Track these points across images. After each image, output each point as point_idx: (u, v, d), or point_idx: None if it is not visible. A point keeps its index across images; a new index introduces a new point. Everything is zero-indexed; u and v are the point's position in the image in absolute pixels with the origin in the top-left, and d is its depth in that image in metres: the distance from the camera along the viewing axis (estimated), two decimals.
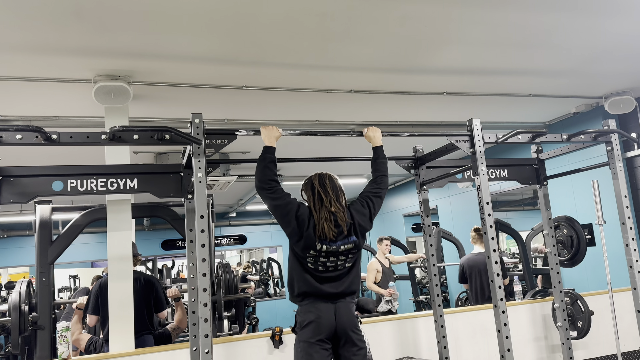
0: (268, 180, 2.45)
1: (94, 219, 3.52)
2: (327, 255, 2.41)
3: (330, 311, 2.40)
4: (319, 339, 2.37)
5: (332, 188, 2.50)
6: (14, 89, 3.60)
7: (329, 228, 2.39)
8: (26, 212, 7.70)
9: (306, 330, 2.40)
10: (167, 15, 2.74)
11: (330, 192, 2.48)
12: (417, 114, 4.96)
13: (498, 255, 2.66)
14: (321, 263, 2.41)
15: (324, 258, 2.41)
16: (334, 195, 2.48)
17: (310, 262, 2.42)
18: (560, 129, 5.42)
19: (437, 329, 3.21)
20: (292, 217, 2.40)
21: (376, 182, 2.69)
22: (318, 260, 2.41)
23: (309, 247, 2.39)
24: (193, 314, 2.68)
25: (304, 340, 2.39)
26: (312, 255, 2.40)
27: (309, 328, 2.39)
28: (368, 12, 2.87)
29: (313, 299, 2.43)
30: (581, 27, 3.29)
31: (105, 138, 2.34)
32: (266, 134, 2.56)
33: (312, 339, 2.37)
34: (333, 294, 2.43)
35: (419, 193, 3.37)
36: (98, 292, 3.84)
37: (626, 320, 3.82)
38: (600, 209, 3.37)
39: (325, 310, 2.40)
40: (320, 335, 2.37)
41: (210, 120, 4.36)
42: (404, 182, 8.96)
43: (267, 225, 11.94)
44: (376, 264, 6.14)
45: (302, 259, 2.44)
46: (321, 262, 2.41)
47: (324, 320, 2.38)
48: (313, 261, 2.41)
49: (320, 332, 2.38)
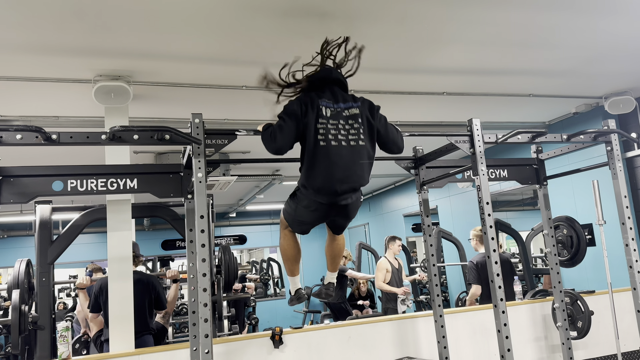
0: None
1: (94, 219, 3.52)
2: (335, 121, 2.33)
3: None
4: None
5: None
6: (14, 89, 3.60)
7: (331, 94, 2.38)
8: (26, 212, 7.70)
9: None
10: (167, 15, 2.74)
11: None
12: (417, 114, 4.96)
13: (498, 255, 2.66)
14: (332, 135, 2.31)
15: (332, 126, 2.32)
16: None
17: (321, 133, 2.30)
18: (560, 129, 5.42)
19: (437, 329, 3.21)
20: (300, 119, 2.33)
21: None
22: (328, 132, 2.31)
23: (317, 117, 2.31)
24: (193, 314, 2.68)
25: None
26: (321, 124, 2.31)
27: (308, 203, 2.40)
28: (368, 12, 2.87)
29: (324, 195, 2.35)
30: (581, 27, 3.29)
31: (105, 138, 2.34)
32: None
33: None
34: (345, 192, 2.35)
35: (419, 193, 3.37)
36: (99, 293, 3.89)
37: (626, 320, 3.81)
38: (600, 209, 3.36)
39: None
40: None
41: (210, 120, 4.36)
42: (404, 182, 8.96)
43: (267, 225, 11.94)
44: (386, 263, 6.10)
45: (314, 134, 2.31)
46: (332, 133, 2.31)
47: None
48: (324, 132, 2.30)
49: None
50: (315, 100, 2.36)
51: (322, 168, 2.31)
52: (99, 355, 3.27)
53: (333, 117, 2.35)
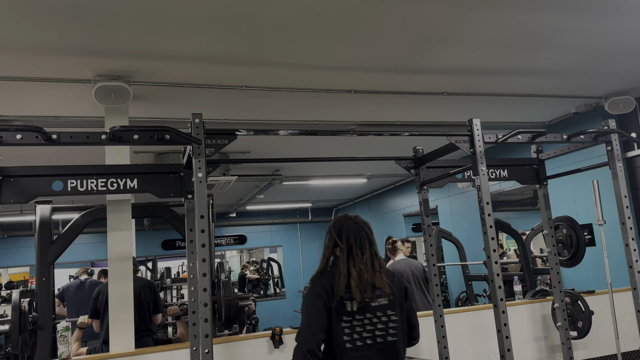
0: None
1: (94, 219, 3.52)
2: (362, 315, 2.04)
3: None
4: None
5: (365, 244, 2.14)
6: (14, 89, 3.60)
7: (357, 284, 2.04)
8: (26, 212, 7.70)
9: None
10: (167, 15, 2.74)
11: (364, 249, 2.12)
12: (417, 114, 4.96)
13: (498, 255, 2.66)
14: (358, 332, 2.03)
15: (358, 322, 2.04)
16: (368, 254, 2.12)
17: (346, 334, 2.01)
18: (560, 129, 5.41)
19: (437, 329, 3.21)
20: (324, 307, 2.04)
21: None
22: (354, 329, 2.03)
23: (339, 312, 2.03)
24: (193, 314, 2.68)
25: None
26: (345, 321, 2.02)
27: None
28: (368, 12, 2.87)
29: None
30: (581, 27, 3.29)
31: (105, 138, 2.34)
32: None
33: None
34: None
35: (419, 193, 3.36)
36: (95, 297, 4.07)
37: (626, 320, 3.81)
38: (600, 209, 3.37)
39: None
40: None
41: (210, 120, 4.35)
42: (404, 182, 8.97)
43: (267, 225, 11.95)
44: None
45: (338, 335, 2.02)
46: (357, 329, 2.03)
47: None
48: (349, 331, 2.02)
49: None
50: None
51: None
52: (99, 355, 3.27)
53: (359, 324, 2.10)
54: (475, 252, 6.18)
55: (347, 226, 2.19)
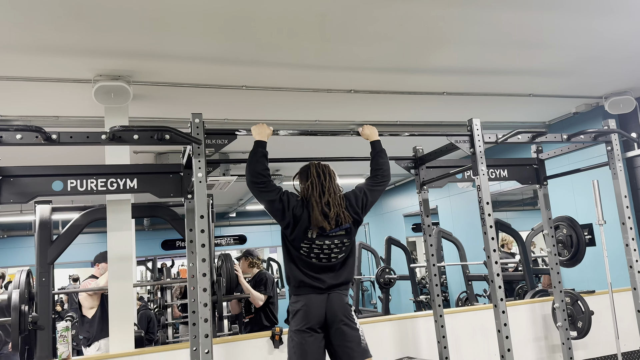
0: (259, 173, 2.45)
1: (94, 219, 3.51)
2: (321, 245, 2.46)
3: (321, 300, 2.44)
4: (308, 327, 2.41)
5: (327, 178, 2.55)
6: (14, 89, 3.60)
7: (322, 218, 2.44)
8: (26, 212, 7.70)
9: (296, 318, 2.45)
10: (167, 15, 2.74)
11: (325, 182, 2.53)
12: (417, 114, 4.96)
13: (498, 255, 2.66)
14: (315, 254, 2.46)
15: (317, 248, 2.46)
16: (328, 185, 2.52)
17: (304, 251, 2.47)
18: (560, 129, 5.41)
19: (437, 329, 3.21)
20: (287, 210, 2.45)
21: (373, 178, 2.69)
22: (312, 251, 2.46)
23: (302, 237, 2.45)
24: (193, 314, 2.68)
25: (294, 330, 2.43)
26: (306, 244, 2.46)
27: (298, 316, 2.44)
28: (368, 12, 2.87)
29: (308, 289, 2.46)
30: (581, 27, 3.29)
31: (105, 138, 2.34)
32: (257, 130, 2.58)
33: (302, 326, 2.41)
34: (329, 285, 2.47)
35: (419, 193, 3.37)
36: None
37: (626, 320, 3.81)
38: (600, 209, 3.36)
39: (316, 299, 2.44)
40: (310, 323, 2.41)
41: (210, 120, 4.36)
42: (404, 182, 8.96)
43: (267, 225, 11.93)
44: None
45: (296, 249, 2.48)
46: (315, 252, 2.46)
47: (313, 308, 2.43)
48: (307, 251, 2.47)
49: (309, 319, 2.41)
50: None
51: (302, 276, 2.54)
52: (99, 355, 3.27)
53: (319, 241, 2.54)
54: (475, 252, 6.17)
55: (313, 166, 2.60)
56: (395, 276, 7.30)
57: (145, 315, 5.62)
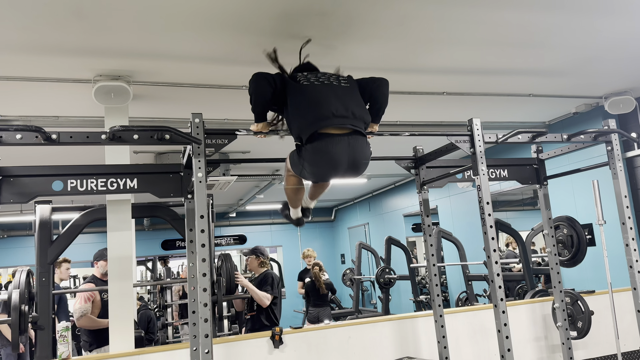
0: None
1: (94, 219, 3.51)
2: (316, 75, 2.54)
3: (344, 146, 2.34)
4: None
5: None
6: (14, 89, 3.60)
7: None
8: (26, 212, 7.70)
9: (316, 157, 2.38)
10: (167, 15, 2.74)
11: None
12: (417, 114, 4.96)
13: (498, 255, 2.66)
14: (314, 79, 2.50)
15: (314, 76, 2.52)
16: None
17: (303, 80, 2.48)
18: (560, 129, 5.42)
19: (437, 329, 3.21)
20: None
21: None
22: (309, 79, 2.50)
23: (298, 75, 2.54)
24: (193, 314, 2.68)
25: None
26: (304, 76, 2.53)
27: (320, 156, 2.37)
28: (368, 12, 2.87)
29: (325, 134, 2.33)
30: (581, 27, 3.29)
31: (105, 138, 2.33)
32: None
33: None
34: (343, 115, 2.35)
35: (419, 193, 3.36)
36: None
37: (626, 320, 3.81)
38: (600, 209, 3.36)
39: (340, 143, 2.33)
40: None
41: (210, 120, 4.36)
42: (404, 182, 8.97)
43: (267, 225, 11.95)
44: None
45: (297, 84, 2.48)
46: (312, 79, 2.50)
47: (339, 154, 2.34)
48: (306, 78, 2.50)
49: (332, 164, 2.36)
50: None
51: (309, 101, 2.40)
52: (99, 355, 3.27)
53: (314, 75, 2.58)
54: (475, 252, 6.18)
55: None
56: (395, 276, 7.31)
57: (145, 315, 5.62)
